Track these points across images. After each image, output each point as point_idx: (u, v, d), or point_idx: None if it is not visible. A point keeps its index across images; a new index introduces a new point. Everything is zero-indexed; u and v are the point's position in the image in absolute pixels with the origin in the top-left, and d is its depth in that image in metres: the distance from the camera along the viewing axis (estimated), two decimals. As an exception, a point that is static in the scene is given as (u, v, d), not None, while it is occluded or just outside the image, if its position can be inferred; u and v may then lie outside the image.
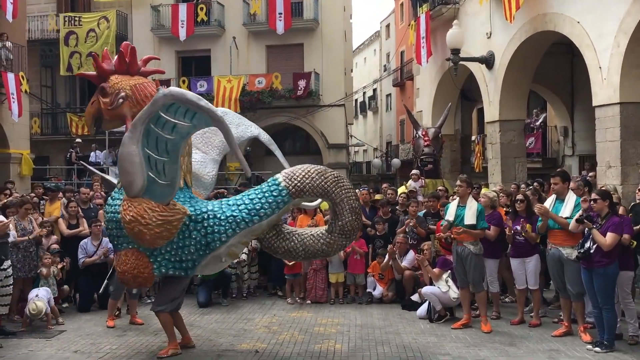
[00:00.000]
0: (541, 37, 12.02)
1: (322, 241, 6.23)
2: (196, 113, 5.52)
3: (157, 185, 5.76)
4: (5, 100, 16.20)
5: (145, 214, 5.79)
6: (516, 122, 13.51)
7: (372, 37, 42.82)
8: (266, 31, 22.63)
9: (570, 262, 6.78)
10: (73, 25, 22.67)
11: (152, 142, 5.63)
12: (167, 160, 5.68)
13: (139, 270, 6.01)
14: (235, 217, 6.03)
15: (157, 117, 5.55)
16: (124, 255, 6.09)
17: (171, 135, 5.60)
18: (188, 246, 6.01)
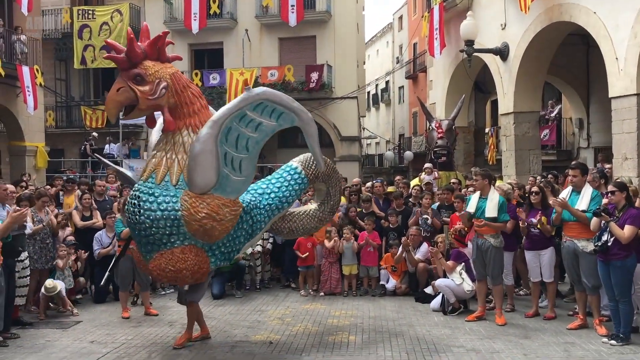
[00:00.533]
0: (556, 28, 11.88)
1: (316, 219, 7.04)
2: (283, 113, 5.80)
3: (230, 181, 5.78)
4: (21, 93, 16.36)
5: (219, 210, 5.73)
6: (531, 113, 13.39)
7: (384, 29, 42.60)
8: (279, 23, 22.58)
9: (586, 254, 6.73)
10: (87, 18, 22.76)
11: (231, 139, 5.70)
12: (245, 156, 5.80)
13: (199, 267, 5.89)
14: (271, 205, 6.39)
15: (242, 115, 5.67)
16: (179, 253, 5.80)
17: (254, 133, 5.76)
18: (239, 237, 6.17)
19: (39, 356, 6.26)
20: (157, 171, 5.81)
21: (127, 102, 5.80)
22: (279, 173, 6.75)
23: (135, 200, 5.82)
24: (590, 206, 6.68)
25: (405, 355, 6.20)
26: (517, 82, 12.98)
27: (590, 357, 6.03)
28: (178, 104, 5.89)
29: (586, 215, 6.68)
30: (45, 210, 8.36)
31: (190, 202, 5.66)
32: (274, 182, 6.59)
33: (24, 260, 7.40)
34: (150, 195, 5.74)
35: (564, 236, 7.11)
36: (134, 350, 6.47)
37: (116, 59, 5.78)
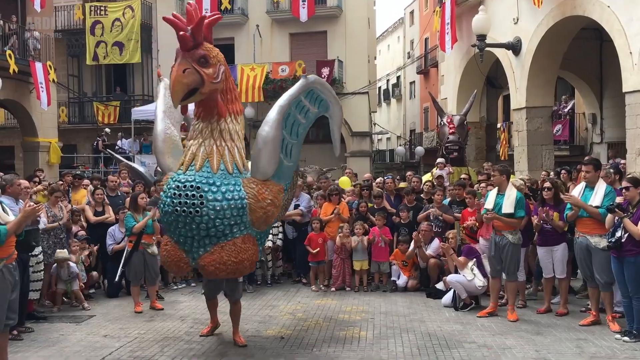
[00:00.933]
0: (570, 22, 11.78)
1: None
2: (323, 100, 5.99)
3: (283, 167, 5.88)
4: (34, 89, 16.48)
5: (279, 196, 5.87)
6: (543, 109, 13.29)
7: (396, 24, 42.43)
8: (289, 19, 22.55)
9: (598, 251, 6.69)
10: (99, 14, 22.87)
11: (288, 124, 5.80)
12: (295, 142, 5.93)
13: (256, 255, 5.89)
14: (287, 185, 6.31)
15: (299, 101, 5.80)
16: (241, 243, 5.64)
17: (304, 119, 5.93)
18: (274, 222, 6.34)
19: (53, 350, 6.33)
20: (211, 160, 5.57)
21: (193, 85, 5.37)
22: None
23: (194, 192, 5.41)
24: (603, 202, 6.64)
25: (416, 350, 6.20)
26: (529, 77, 12.87)
27: (602, 353, 6.00)
28: (226, 89, 5.75)
29: (599, 211, 6.63)
30: (59, 206, 8.42)
31: (257, 189, 5.64)
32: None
33: (37, 255, 7.48)
34: (212, 185, 5.45)
35: (576, 232, 7.07)
36: (147, 344, 6.52)
37: (183, 36, 5.35)
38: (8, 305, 5.35)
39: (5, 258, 5.22)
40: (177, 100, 5.36)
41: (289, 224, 9.95)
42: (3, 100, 16.25)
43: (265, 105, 22.61)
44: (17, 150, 22.17)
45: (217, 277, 5.87)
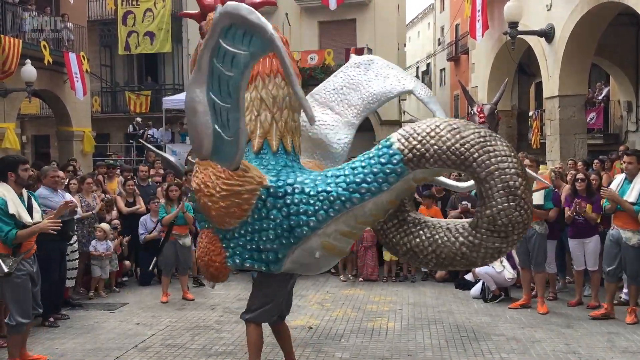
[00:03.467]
0: (605, 8, 11.48)
1: (461, 239, 4.04)
2: (252, 36, 3.77)
3: (223, 143, 4.13)
4: (68, 79, 16.79)
5: (209, 180, 4.35)
6: (577, 97, 13.02)
7: (426, 10, 41.92)
8: (318, 7, 22.46)
9: (628, 246, 6.60)
10: (130, 5, 23.12)
11: (215, 83, 3.99)
12: (230, 106, 4.00)
13: (210, 258, 4.53)
14: (329, 193, 4.18)
15: (219, 47, 3.88)
16: (199, 236, 4.76)
17: (230, 71, 3.90)
18: (266, 230, 4.33)
19: (88, 337, 6.51)
20: None
21: None
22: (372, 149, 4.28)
23: None
24: (639, 199, 6.50)
25: (444, 342, 6.21)
26: (562, 65, 12.61)
27: (634, 347, 5.93)
28: None
29: (634, 208, 6.49)
30: (93, 196, 8.61)
31: (193, 171, 4.58)
32: (354, 161, 4.29)
33: (73, 244, 7.67)
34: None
35: (612, 224, 6.96)
36: (178, 332, 6.65)
37: (192, 15, 5.00)
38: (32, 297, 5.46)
39: (23, 253, 5.33)
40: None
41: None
42: (38, 91, 16.59)
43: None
44: (52, 140, 22.66)
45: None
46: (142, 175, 10.28)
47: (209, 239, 4.56)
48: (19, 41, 14.52)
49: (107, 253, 8.32)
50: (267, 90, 4.57)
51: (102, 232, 8.32)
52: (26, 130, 24.90)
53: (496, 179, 3.78)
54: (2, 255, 5.15)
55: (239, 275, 9.67)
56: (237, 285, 8.97)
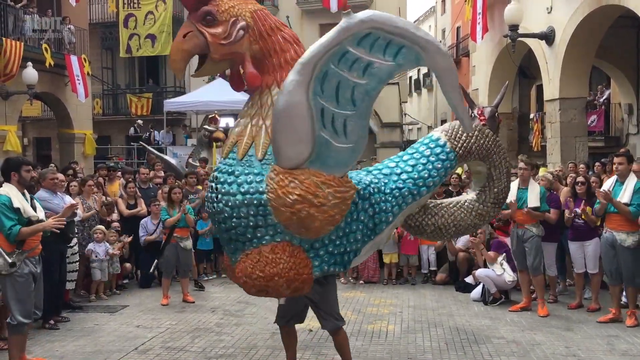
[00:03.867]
0: (605, 11, 11.50)
1: (474, 213, 5.13)
2: (403, 47, 3.90)
3: (332, 150, 4.08)
4: (69, 82, 16.82)
5: (318, 190, 4.08)
6: (577, 100, 13.04)
7: (427, 13, 41.94)
8: (320, 9, 22.47)
9: (623, 248, 6.60)
10: (132, 8, 23.15)
11: (329, 88, 3.97)
12: (352, 113, 4.03)
13: (296, 272, 4.24)
14: (401, 189, 4.65)
15: (343, 53, 3.90)
16: (269, 252, 4.21)
17: (362, 78, 3.96)
18: (355, 232, 4.46)
19: (88, 340, 6.51)
20: (240, 143, 4.30)
21: (197, 51, 4.28)
22: (415, 147, 5.03)
23: (212, 183, 4.37)
24: (633, 199, 6.51)
25: (444, 345, 6.21)
26: (563, 68, 12.63)
27: (634, 350, 5.92)
28: (264, 52, 4.32)
29: (629, 209, 6.51)
30: (94, 198, 8.62)
31: (277, 181, 4.09)
32: (406, 159, 4.86)
33: (73, 246, 7.68)
34: (230, 175, 4.25)
35: (604, 227, 6.97)
36: (178, 335, 6.66)
37: None
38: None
39: (27, 251, 5.36)
40: (177, 70, 4.32)
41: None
42: (40, 93, 16.62)
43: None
44: (53, 142, 22.72)
45: (250, 294, 4.52)
46: (143, 177, 10.29)
47: (289, 253, 4.26)
48: (21, 44, 14.56)
49: (107, 254, 8.31)
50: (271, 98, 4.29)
51: (101, 234, 8.32)
52: (27, 133, 24.96)
53: (504, 166, 5.22)
54: (6, 252, 5.18)
55: (239, 278, 9.68)
56: (238, 288, 8.78)
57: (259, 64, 4.36)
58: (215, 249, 9.91)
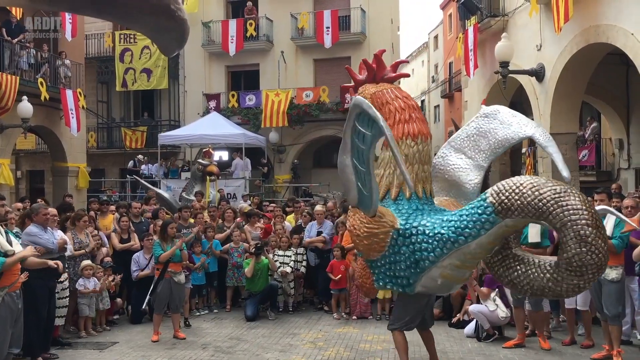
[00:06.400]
0: (594, 49, 11.70)
1: (548, 276, 4.97)
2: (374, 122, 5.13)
3: (363, 197, 5.48)
4: (63, 115, 16.90)
5: (356, 224, 5.82)
6: (568, 135, 13.17)
7: (420, 48, 42.58)
8: (314, 45, 22.85)
9: (607, 282, 6.62)
10: (128, 42, 23.48)
11: (355, 152, 5.37)
12: (365, 170, 5.31)
13: (363, 280, 6.23)
14: (443, 235, 5.34)
15: (354, 127, 5.30)
16: (359, 262, 6.57)
17: (362, 145, 5.28)
18: (399, 262, 5.62)
19: (77, 377, 6.41)
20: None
21: None
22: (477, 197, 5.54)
23: None
24: (614, 232, 6.55)
25: (437, 383, 6.13)
26: (553, 104, 12.79)
27: (629, 389, 5.87)
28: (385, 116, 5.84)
29: (612, 242, 6.52)
30: (85, 233, 8.57)
31: (349, 213, 6.19)
32: (463, 209, 5.45)
33: (63, 281, 7.61)
34: None
35: None
36: (168, 372, 6.56)
37: (349, 87, 7.05)
38: (11, 335, 5.39)
39: (7, 286, 5.29)
40: None
41: (311, 251, 9.99)
42: (34, 127, 16.66)
43: (289, 130, 22.85)
44: (47, 175, 22.70)
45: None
46: (135, 212, 10.26)
47: (362, 266, 6.17)
48: (16, 78, 14.67)
49: (94, 290, 8.21)
50: (400, 150, 5.70)
51: (89, 270, 8.22)
52: (21, 166, 24.94)
53: (569, 229, 4.64)
54: None
55: (231, 314, 9.61)
56: (230, 324, 8.90)
57: None
58: (207, 284, 9.85)
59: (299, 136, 23.30)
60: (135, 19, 4.24)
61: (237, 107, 23.16)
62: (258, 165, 20.90)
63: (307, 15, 23.04)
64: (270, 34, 23.91)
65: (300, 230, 10.29)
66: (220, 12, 24.58)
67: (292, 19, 23.41)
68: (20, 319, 5.47)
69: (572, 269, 4.71)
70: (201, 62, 24.34)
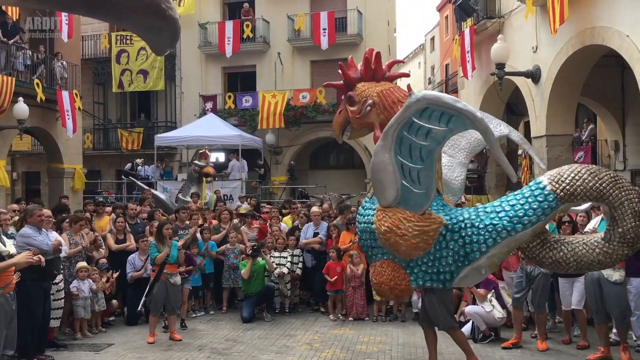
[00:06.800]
0: (589, 51, 11.74)
1: (597, 250, 5.53)
2: (452, 116, 5.20)
3: (412, 194, 5.52)
4: (59, 117, 16.86)
5: (400, 224, 5.59)
6: (564, 136, 13.20)
7: (416, 50, 42.69)
8: (310, 47, 22.85)
9: (610, 283, 6.63)
10: (125, 44, 23.40)
11: (405, 149, 5.41)
12: (421, 167, 5.42)
13: (395, 282, 5.86)
14: (496, 225, 5.59)
15: (410, 123, 5.32)
16: (379, 266, 5.97)
17: (425, 141, 5.33)
18: (445, 257, 5.70)
19: (72, 379, 6.39)
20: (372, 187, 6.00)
21: (346, 123, 6.30)
22: (522, 190, 5.80)
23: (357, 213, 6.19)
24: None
25: (433, 384, 6.13)
26: (549, 105, 12.82)
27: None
28: (388, 120, 5.70)
29: None
30: (81, 235, 8.55)
31: (377, 215, 5.78)
32: (509, 200, 5.76)
33: (58, 282, 7.59)
34: (362, 209, 6.18)
35: None
36: (164, 374, 6.55)
37: (335, 85, 6.48)
38: (5, 336, 5.36)
39: (1, 288, 5.27)
40: (337, 137, 6.50)
41: (308, 252, 9.99)
42: (30, 128, 16.62)
43: (286, 132, 22.85)
44: (43, 176, 22.63)
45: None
46: (131, 213, 10.24)
47: (392, 268, 5.86)
48: (12, 79, 14.63)
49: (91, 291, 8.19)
50: None
51: (84, 272, 8.20)
52: (17, 167, 24.87)
53: (626, 206, 5.30)
54: None
55: (227, 315, 9.60)
56: (226, 326, 8.89)
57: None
58: (203, 285, 9.83)
59: (296, 138, 23.31)
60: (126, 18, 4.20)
61: (233, 108, 23.15)
62: (254, 167, 20.89)
63: (304, 17, 23.04)
64: (267, 36, 23.91)
65: (295, 231, 10.29)
66: (216, 14, 24.56)
67: (288, 20, 23.41)
68: (14, 320, 5.44)
69: (626, 240, 5.35)
70: (198, 64, 24.32)
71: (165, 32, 4.49)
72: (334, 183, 22.02)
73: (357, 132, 6.36)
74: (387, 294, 6.14)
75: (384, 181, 5.53)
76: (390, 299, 6.33)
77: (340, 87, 6.33)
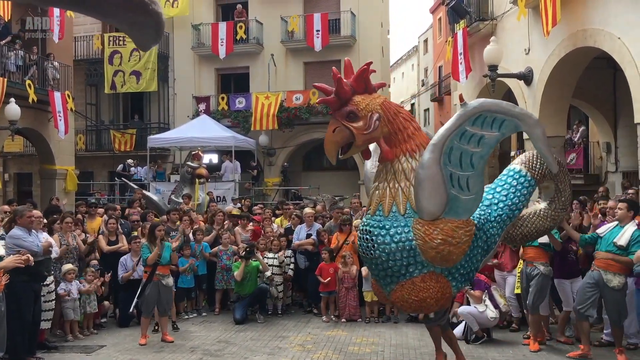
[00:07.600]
0: (581, 53, 11.80)
1: (549, 218, 6.33)
2: (504, 121, 5.39)
3: (460, 202, 5.50)
4: (52, 118, 16.79)
5: (454, 233, 5.50)
6: (556, 138, 13.24)
7: (410, 52, 42.74)
8: (304, 48, 22.87)
9: (608, 288, 6.65)
10: (117, 45, 23.31)
11: (454, 158, 5.42)
12: (472, 173, 5.46)
13: (442, 293, 5.69)
14: (501, 215, 5.96)
15: (462, 132, 5.38)
16: (419, 282, 5.65)
17: (477, 147, 5.42)
18: (475, 255, 5.83)
19: (63, 381, 6.36)
20: (383, 203, 5.66)
21: (345, 141, 5.71)
22: (502, 179, 6.25)
23: (367, 235, 5.70)
24: (633, 248, 6.60)
25: (425, 385, 6.14)
26: (541, 107, 12.87)
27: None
28: (392, 132, 5.70)
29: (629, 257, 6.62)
30: (73, 235, 8.51)
31: (424, 230, 5.50)
32: (499, 191, 6.12)
33: (49, 284, 7.55)
34: (382, 229, 5.62)
35: (593, 265, 7.01)
36: (156, 376, 6.52)
37: (327, 100, 5.74)
38: None
39: None
40: (332, 157, 5.79)
41: (300, 253, 9.98)
42: (22, 129, 16.53)
43: (279, 133, 22.84)
44: (34, 177, 22.51)
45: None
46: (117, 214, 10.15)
47: (436, 279, 5.68)
48: (4, 80, 14.56)
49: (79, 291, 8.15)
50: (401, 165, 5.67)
51: (72, 274, 8.14)
52: (9, 169, 24.74)
53: (567, 180, 6.37)
54: None
55: (220, 316, 9.58)
56: (218, 327, 8.87)
57: (388, 141, 5.72)
58: (196, 287, 9.79)
59: (289, 139, 23.30)
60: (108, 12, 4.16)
61: (227, 109, 23.12)
62: (248, 168, 20.86)
63: (297, 19, 23.07)
64: (260, 37, 23.90)
65: (288, 233, 10.28)
66: (210, 15, 24.54)
67: (282, 22, 23.42)
68: (3, 322, 5.41)
69: (565, 206, 6.41)
70: (191, 65, 24.29)
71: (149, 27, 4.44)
72: (327, 184, 22.00)
73: (356, 149, 5.87)
74: (433, 307, 5.84)
75: (432, 194, 5.41)
76: (434, 310, 5.95)
77: (333, 102, 5.73)
